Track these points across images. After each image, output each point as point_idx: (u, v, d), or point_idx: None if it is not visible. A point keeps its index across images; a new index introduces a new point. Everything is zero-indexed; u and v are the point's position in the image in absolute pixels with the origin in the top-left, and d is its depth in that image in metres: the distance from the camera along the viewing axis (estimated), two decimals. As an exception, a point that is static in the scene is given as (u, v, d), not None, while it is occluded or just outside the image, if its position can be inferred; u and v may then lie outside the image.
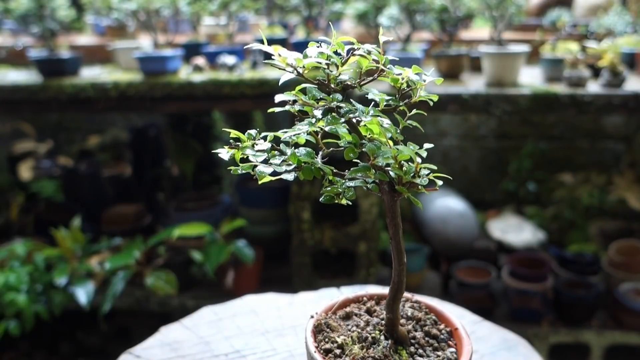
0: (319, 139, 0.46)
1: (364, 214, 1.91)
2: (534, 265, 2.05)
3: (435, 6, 1.95)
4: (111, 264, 1.92)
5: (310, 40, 0.47)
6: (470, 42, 2.32)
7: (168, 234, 1.96)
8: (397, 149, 0.44)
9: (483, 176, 2.66)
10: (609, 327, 1.92)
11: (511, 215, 2.40)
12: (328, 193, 0.46)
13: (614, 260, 2.04)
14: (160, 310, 2.11)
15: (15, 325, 1.80)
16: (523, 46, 1.86)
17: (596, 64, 1.84)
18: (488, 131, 2.61)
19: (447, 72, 1.95)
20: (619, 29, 1.98)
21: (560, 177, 2.48)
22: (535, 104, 1.70)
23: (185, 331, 0.81)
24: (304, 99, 0.44)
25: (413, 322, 0.57)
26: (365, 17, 1.99)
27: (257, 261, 2.08)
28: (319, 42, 0.45)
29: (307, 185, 1.90)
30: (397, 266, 0.50)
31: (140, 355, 0.76)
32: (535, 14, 2.57)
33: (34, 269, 1.92)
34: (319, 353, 0.51)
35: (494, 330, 0.82)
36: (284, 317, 0.85)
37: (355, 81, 0.46)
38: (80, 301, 1.84)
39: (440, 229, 2.14)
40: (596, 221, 2.36)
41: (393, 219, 0.48)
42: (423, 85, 0.47)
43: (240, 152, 0.46)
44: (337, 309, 0.59)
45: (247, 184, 2.29)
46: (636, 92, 1.67)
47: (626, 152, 2.48)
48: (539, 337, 1.91)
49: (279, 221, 2.26)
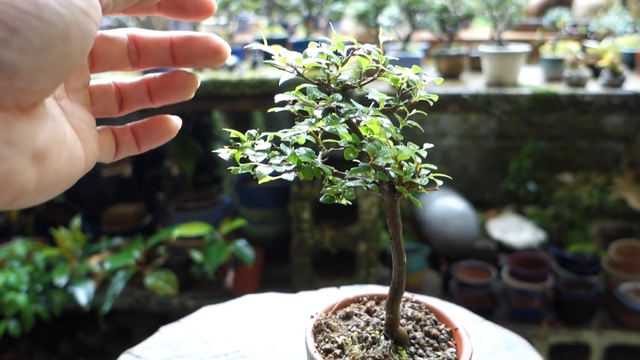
0: (319, 139, 0.46)
1: (364, 214, 1.91)
2: (534, 265, 2.05)
3: (435, 6, 1.95)
4: (111, 264, 1.92)
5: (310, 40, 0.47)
6: (470, 42, 2.32)
7: (168, 234, 1.96)
8: (397, 149, 0.44)
9: (483, 176, 2.66)
10: (609, 327, 1.92)
11: (511, 215, 2.40)
12: (328, 193, 0.45)
13: (614, 260, 2.04)
14: (160, 310, 2.11)
15: (15, 325, 1.80)
16: (523, 46, 1.86)
17: (596, 64, 1.84)
18: (488, 131, 2.61)
19: (447, 72, 1.95)
20: (619, 29, 1.98)
21: (560, 177, 2.48)
22: (535, 104, 1.70)
23: (185, 331, 0.81)
24: (304, 99, 0.44)
25: (413, 322, 0.57)
26: (365, 17, 1.99)
27: (257, 261, 2.08)
28: (319, 42, 0.45)
29: (307, 185, 1.90)
30: (397, 266, 0.50)
31: (140, 355, 0.76)
32: (535, 14, 2.57)
33: (34, 269, 1.92)
34: (319, 353, 0.51)
35: (494, 330, 0.82)
36: (284, 317, 0.85)
37: (355, 81, 0.46)
38: (80, 301, 1.84)
39: (440, 229, 2.14)
40: (596, 221, 2.36)
41: (393, 219, 0.48)
42: (423, 85, 0.47)
43: (240, 152, 0.46)
44: (337, 309, 0.59)
45: (247, 184, 2.29)
46: (636, 92, 1.67)
47: (626, 152, 2.48)
48: (539, 337, 1.91)
49: (279, 221, 2.26)
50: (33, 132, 0.31)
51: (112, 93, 0.44)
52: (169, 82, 0.44)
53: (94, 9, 0.31)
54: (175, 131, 0.45)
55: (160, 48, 0.42)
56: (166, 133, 0.45)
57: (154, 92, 0.44)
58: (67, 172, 0.35)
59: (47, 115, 0.33)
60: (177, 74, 0.44)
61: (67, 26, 0.30)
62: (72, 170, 0.36)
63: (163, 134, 0.45)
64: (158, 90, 0.44)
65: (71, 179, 0.36)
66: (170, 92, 0.44)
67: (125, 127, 0.44)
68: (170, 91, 0.44)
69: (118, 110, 0.44)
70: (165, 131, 0.45)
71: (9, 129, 0.30)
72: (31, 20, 0.28)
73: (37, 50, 0.29)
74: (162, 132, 0.45)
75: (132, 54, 0.42)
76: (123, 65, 0.42)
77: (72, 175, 0.36)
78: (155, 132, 0.44)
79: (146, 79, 0.44)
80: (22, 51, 0.28)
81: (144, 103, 0.45)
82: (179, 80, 0.44)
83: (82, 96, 0.40)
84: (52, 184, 0.34)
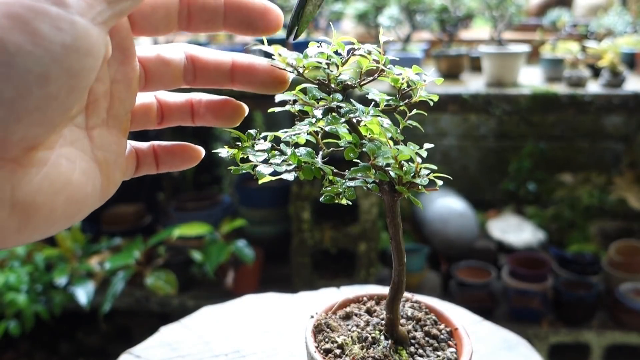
0: (319, 139, 0.46)
1: (364, 214, 1.91)
2: (534, 265, 2.05)
3: (435, 6, 1.95)
4: (111, 264, 1.92)
5: (310, 40, 0.47)
6: (470, 42, 2.32)
7: (168, 234, 1.96)
8: (397, 149, 0.44)
9: (483, 176, 2.66)
10: (609, 327, 1.92)
11: (511, 215, 2.40)
12: (328, 193, 0.45)
13: (614, 260, 2.04)
14: (160, 310, 2.11)
15: (15, 325, 1.80)
16: (523, 46, 1.86)
17: (596, 64, 1.84)
18: (488, 131, 2.61)
19: (447, 72, 1.95)
20: (619, 29, 1.98)
21: (560, 177, 2.48)
22: (535, 104, 1.70)
23: (185, 331, 0.81)
24: (304, 99, 0.44)
25: (413, 322, 0.57)
26: (365, 17, 1.99)
27: (257, 261, 2.08)
28: (319, 42, 0.45)
29: (307, 185, 1.90)
30: (397, 266, 0.50)
31: (140, 355, 0.76)
32: (535, 14, 2.57)
33: (34, 269, 1.92)
34: (319, 353, 0.51)
35: (494, 330, 0.82)
36: (284, 317, 0.85)
37: (355, 81, 0.46)
38: (80, 301, 1.84)
39: (440, 229, 2.14)
40: (596, 221, 2.36)
41: (393, 219, 0.48)
42: (423, 85, 0.47)
43: (240, 152, 0.46)
44: (337, 309, 0.59)
45: (247, 184, 2.29)
46: (636, 92, 1.67)
47: (626, 152, 2.48)
48: (539, 337, 1.91)
49: (279, 221, 2.26)
50: (13, 184, 0.28)
51: (154, 113, 0.42)
52: (218, 109, 0.42)
53: (84, 41, 0.28)
54: (197, 161, 0.44)
55: (219, 71, 0.40)
56: (187, 162, 0.43)
57: (197, 114, 0.42)
58: (65, 214, 0.32)
59: (41, 162, 0.30)
60: (228, 103, 0.42)
61: (45, 68, 0.26)
62: (72, 210, 0.33)
63: (184, 162, 0.43)
64: (203, 113, 0.42)
65: (72, 219, 0.34)
66: (217, 119, 0.42)
67: (149, 149, 0.42)
68: (217, 118, 0.42)
69: (156, 125, 0.42)
70: (186, 160, 0.43)
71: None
72: (0, 70, 0.26)
73: (9, 100, 0.26)
74: (183, 161, 0.43)
75: (189, 74, 0.40)
76: (177, 85, 0.40)
77: (71, 215, 0.33)
78: (177, 159, 0.43)
79: (192, 101, 0.42)
80: None
81: (184, 121, 0.43)
82: (229, 110, 0.42)
83: (122, 121, 0.37)
84: (42, 227, 0.31)
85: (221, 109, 0.42)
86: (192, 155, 0.44)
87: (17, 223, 0.29)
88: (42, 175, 0.30)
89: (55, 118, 0.29)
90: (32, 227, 0.30)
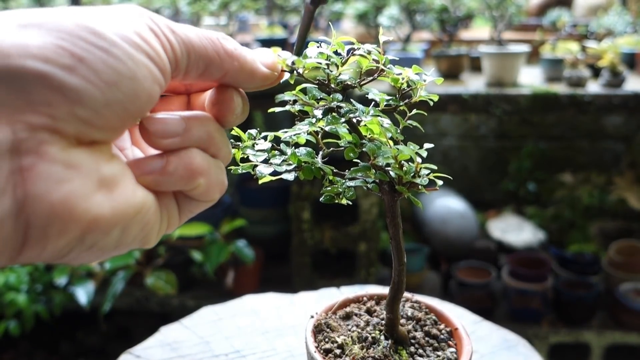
0: (319, 139, 0.46)
1: (364, 214, 1.91)
2: (534, 265, 2.05)
3: (435, 6, 1.95)
4: (111, 263, 1.92)
5: (310, 40, 0.47)
6: (470, 42, 2.32)
7: (168, 233, 1.95)
8: (397, 149, 0.44)
9: (483, 176, 2.66)
10: (609, 327, 1.92)
11: (511, 215, 2.40)
12: (328, 193, 0.45)
13: (614, 260, 2.04)
14: (160, 310, 2.11)
15: (15, 325, 1.80)
16: (523, 46, 1.86)
17: (596, 64, 1.84)
18: (488, 131, 2.61)
19: (447, 72, 1.95)
20: (619, 29, 1.98)
21: (560, 177, 2.48)
22: (535, 104, 1.70)
23: (185, 331, 0.81)
24: (304, 99, 0.44)
25: (413, 322, 0.57)
26: (365, 17, 1.99)
27: (257, 261, 2.08)
28: (319, 42, 0.45)
29: (307, 185, 1.90)
30: (397, 266, 0.50)
31: (140, 355, 0.76)
32: (535, 14, 2.57)
33: (34, 269, 1.92)
34: (319, 353, 0.51)
35: (494, 330, 0.82)
36: (284, 317, 0.85)
37: (355, 81, 0.46)
38: (80, 301, 1.84)
39: (440, 229, 2.14)
40: (596, 221, 2.36)
41: (393, 219, 0.48)
42: (423, 85, 0.47)
43: (240, 152, 0.46)
44: (337, 309, 0.59)
45: (247, 184, 2.29)
46: (636, 92, 1.67)
47: (626, 152, 2.48)
48: (539, 337, 1.91)
49: (279, 221, 2.26)
50: (96, 160, 0.29)
51: None
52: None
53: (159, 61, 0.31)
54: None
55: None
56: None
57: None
58: (135, 238, 0.34)
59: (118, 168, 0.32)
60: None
61: (136, 65, 0.30)
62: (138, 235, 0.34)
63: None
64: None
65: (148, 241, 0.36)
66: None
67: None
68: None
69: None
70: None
71: (68, 153, 0.28)
72: (99, 53, 0.28)
73: (104, 82, 0.28)
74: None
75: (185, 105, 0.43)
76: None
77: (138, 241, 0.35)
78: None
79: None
80: (88, 80, 0.28)
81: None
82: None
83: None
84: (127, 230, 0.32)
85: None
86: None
87: (107, 202, 0.30)
88: (117, 166, 0.32)
89: (130, 117, 0.31)
90: (119, 214, 0.31)
